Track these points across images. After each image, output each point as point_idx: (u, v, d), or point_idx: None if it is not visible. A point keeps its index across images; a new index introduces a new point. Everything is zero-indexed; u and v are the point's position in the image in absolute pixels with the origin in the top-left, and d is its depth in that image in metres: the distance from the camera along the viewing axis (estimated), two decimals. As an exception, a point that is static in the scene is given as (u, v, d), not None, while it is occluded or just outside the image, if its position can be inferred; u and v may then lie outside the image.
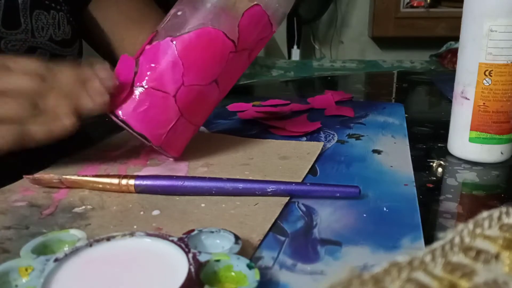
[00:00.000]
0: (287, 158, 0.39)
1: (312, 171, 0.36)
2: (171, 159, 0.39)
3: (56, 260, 0.22)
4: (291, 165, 0.37)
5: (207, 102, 0.38)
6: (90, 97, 0.33)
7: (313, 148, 0.41)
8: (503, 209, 0.18)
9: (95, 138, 0.44)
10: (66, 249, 0.23)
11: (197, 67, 0.35)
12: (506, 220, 0.18)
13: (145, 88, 0.35)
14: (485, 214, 0.18)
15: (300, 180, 0.34)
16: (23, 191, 0.33)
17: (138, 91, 0.35)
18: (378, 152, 0.41)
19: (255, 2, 0.36)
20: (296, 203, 0.31)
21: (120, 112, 0.34)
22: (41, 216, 0.29)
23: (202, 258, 0.22)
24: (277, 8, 0.38)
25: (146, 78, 0.35)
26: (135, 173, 0.35)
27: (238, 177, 0.34)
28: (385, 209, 0.30)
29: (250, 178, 0.34)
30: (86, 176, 0.32)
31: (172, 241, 0.23)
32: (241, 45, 0.36)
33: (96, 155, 0.40)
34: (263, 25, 0.37)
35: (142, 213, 0.29)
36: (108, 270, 0.22)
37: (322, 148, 0.41)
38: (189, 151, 0.39)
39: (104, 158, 0.39)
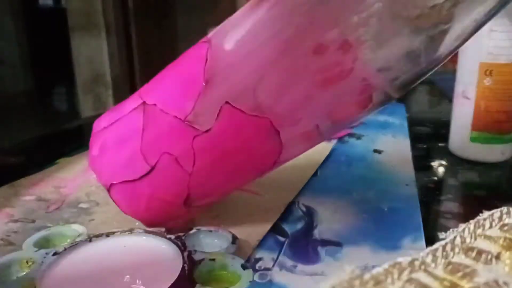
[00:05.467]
0: (295, 159, 0.38)
1: (312, 171, 0.36)
2: None
3: (55, 254, 0.22)
4: (298, 166, 0.37)
5: None
6: None
7: (321, 149, 0.40)
8: (504, 209, 0.18)
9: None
10: (67, 243, 0.24)
11: None
12: (507, 220, 0.18)
13: None
14: (486, 214, 0.18)
15: (306, 180, 0.34)
16: (33, 186, 0.34)
17: None
18: (379, 152, 0.40)
19: None
20: (297, 204, 0.31)
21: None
22: (47, 210, 0.30)
23: (197, 256, 0.22)
24: None
25: None
26: None
27: None
28: (385, 209, 0.30)
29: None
30: None
31: (169, 239, 0.24)
32: None
33: None
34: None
35: None
36: (104, 266, 0.22)
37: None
38: None
39: None
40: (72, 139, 0.49)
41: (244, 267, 0.22)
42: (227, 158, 0.24)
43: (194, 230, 0.24)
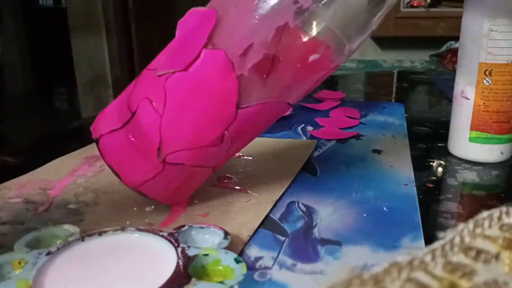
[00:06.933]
0: (281, 156, 0.39)
1: (312, 170, 0.36)
2: None
3: (48, 253, 0.22)
4: (285, 163, 0.37)
5: None
6: None
7: (306, 146, 0.41)
8: (503, 208, 0.18)
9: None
10: (59, 243, 0.24)
11: None
12: (506, 219, 0.18)
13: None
14: (485, 213, 0.18)
15: (292, 178, 0.34)
16: (19, 188, 0.33)
17: None
18: (378, 152, 0.41)
19: None
20: (296, 203, 0.31)
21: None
22: (36, 212, 0.30)
23: (191, 252, 0.22)
24: None
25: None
26: None
27: (228, 173, 0.35)
28: (385, 208, 0.30)
29: (241, 172, 0.35)
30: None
31: (162, 236, 0.24)
32: None
33: (94, 152, 0.40)
34: None
35: (135, 209, 0.30)
36: (99, 264, 0.22)
37: (321, 147, 0.41)
38: None
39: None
40: (72, 140, 0.49)
41: (237, 261, 0.22)
42: (192, 99, 0.26)
43: (186, 227, 0.25)
